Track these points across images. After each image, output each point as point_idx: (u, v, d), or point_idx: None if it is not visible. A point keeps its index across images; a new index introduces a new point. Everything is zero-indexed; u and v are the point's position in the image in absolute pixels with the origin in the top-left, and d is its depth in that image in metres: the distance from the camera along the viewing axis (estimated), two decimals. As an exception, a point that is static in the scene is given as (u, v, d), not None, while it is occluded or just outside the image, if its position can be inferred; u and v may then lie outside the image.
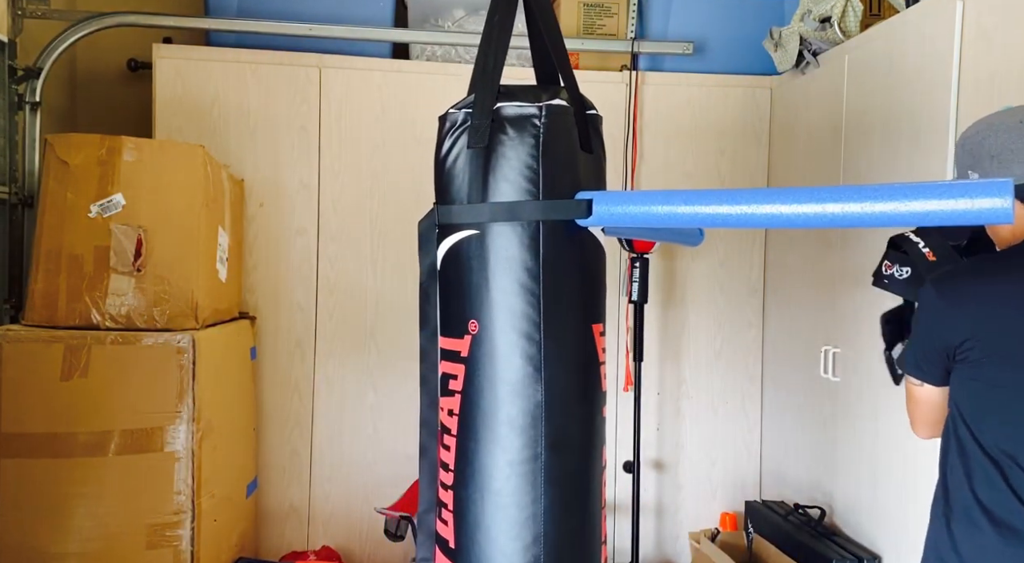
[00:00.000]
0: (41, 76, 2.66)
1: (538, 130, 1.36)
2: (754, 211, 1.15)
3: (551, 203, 1.34)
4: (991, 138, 1.41)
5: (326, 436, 2.93)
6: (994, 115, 1.46)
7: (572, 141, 1.40)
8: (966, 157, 1.45)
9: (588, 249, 1.43)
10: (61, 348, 2.11)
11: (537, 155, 1.36)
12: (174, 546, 2.16)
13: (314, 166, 2.89)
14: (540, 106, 1.37)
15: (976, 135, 1.44)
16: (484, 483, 1.37)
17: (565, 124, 1.39)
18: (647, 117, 3.04)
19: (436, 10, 3.01)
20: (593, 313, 1.44)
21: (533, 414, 1.36)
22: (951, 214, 1.05)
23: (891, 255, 1.70)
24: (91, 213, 2.18)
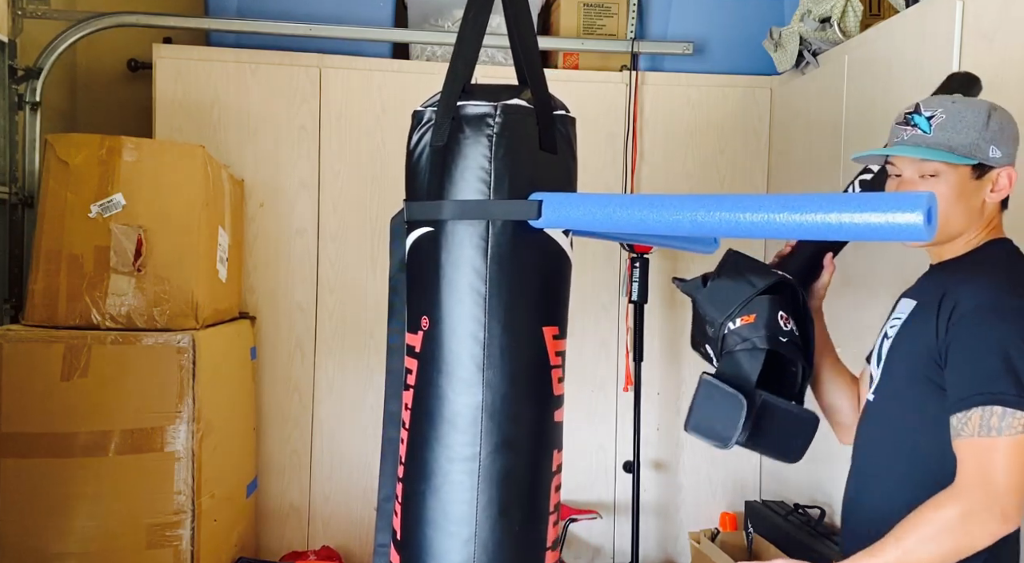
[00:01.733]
0: (41, 76, 2.66)
1: (492, 130, 1.37)
2: (683, 218, 1.19)
3: (500, 203, 1.35)
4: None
5: (326, 436, 2.93)
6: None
7: (529, 142, 1.39)
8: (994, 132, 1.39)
9: (544, 251, 1.41)
10: (61, 348, 2.11)
11: (490, 155, 1.37)
12: (174, 546, 2.17)
13: (314, 166, 2.89)
14: (495, 106, 1.38)
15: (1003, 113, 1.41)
16: (427, 479, 1.40)
17: (522, 124, 1.39)
18: (647, 117, 3.04)
19: (436, 10, 3.01)
20: (546, 316, 1.42)
21: (473, 414, 1.38)
22: (863, 228, 1.02)
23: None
24: (91, 213, 2.18)
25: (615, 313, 3.05)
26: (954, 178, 1.36)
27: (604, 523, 3.06)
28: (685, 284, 1.70)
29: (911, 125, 1.39)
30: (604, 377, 3.08)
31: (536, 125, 1.40)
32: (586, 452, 3.06)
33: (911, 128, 1.39)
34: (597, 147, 3.00)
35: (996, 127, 1.36)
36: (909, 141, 1.39)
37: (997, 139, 1.37)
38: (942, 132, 1.36)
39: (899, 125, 1.42)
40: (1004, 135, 1.38)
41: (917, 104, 1.41)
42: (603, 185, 3.01)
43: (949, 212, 1.36)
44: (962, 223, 1.39)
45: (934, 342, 1.34)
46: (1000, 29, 1.91)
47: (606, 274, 3.05)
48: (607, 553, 3.10)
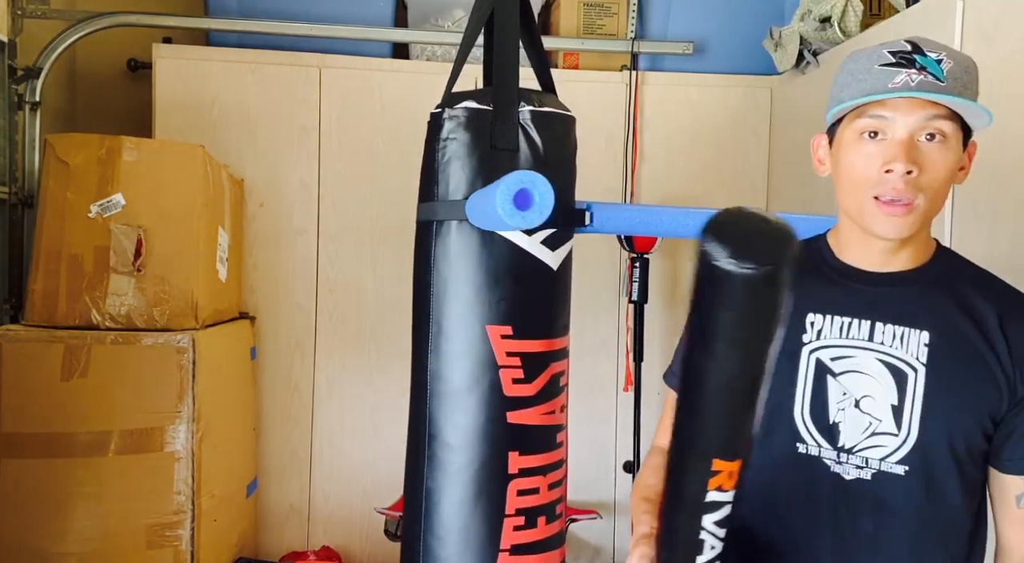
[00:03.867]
0: (41, 76, 2.66)
1: (440, 130, 1.44)
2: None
3: (438, 204, 1.44)
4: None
5: (326, 436, 2.93)
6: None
7: (477, 142, 1.42)
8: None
9: (492, 251, 1.43)
10: (61, 348, 2.11)
11: (437, 157, 1.45)
12: (174, 546, 2.16)
13: (314, 166, 2.89)
14: (441, 109, 1.45)
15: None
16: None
17: (470, 126, 1.42)
18: (647, 117, 3.04)
19: (436, 10, 3.01)
20: (492, 315, 1.43)
21: (420, 409, 1.48)
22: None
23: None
24: (91, 213, 2.18)
25: (615, 313, 3.05)
26: (956, 145, 1.08)
27: (604, 523, 3.06)
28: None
29: (917, 67, 1.05)
30: (604, 377, 3.07)
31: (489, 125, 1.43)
32: (586, 452, 3.06)
33: (918, 72, 1.05)
34: (597, 147, 3.00)
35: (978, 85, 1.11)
36: (919, 87, 1.04)
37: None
38: (955, 82, 1.05)
39: (889, 67, 1.06)
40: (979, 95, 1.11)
41: (912, 42, 1.08)
42: (603, 185, 3.00)
43: (942, 190, 1.08)
44: (940, 208, 1.11)
45: (1008, 390, 1.08)
46: (1000, 29, 1.91)
47: (606, 274, 3.05)
48: (607, 553, 3.10)
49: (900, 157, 1.04)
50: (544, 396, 1.47)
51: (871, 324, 1.12)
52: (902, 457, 1.09)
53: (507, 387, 1.44)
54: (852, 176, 1.09)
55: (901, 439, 1.09)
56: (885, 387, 1.10)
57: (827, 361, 1.13)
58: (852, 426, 1.11)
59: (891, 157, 1.05)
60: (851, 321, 1.13)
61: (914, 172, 1.04)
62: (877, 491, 1.11)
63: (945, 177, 1.07)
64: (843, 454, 1.12)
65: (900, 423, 1.09)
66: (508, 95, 1.43)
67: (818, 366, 1.13)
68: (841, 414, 1.12)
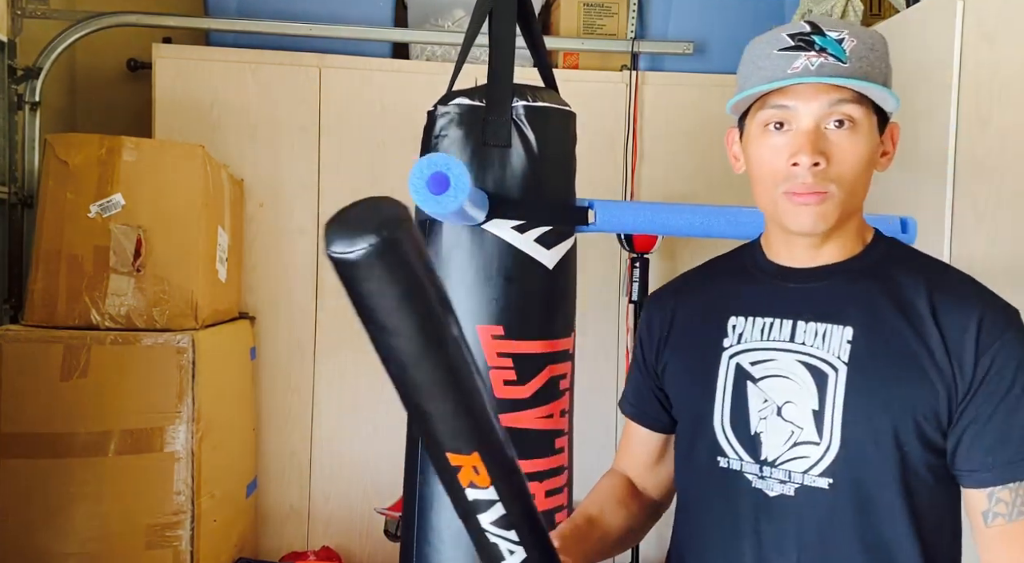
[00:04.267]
0: (41, 76, 2.66)
1: (433, 127, 1.44)
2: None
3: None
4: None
5: (326, 436, 2.93)
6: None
7: (469, 139, 1.41)
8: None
9: (483, 249, 1.41)
10: (61, 348, 2.10)
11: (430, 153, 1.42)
12: (174, 546, 2.16)
13: (314, 166, 2.89)
14: (435, 107, 1.45)
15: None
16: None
17: (463, 122, 1.42)
18: (647, 117, 3.04)
19: (436, 10, 3.01)
20: (483, 315, 1.41)
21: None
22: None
23: None
24: (91, 213, 2.18)
25: (615, 313, 3.05)
26: (869, 130, 0.99)
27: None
28: None
29: (816, 49, 0.95)
30: (604, 377, 3.07)
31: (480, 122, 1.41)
32: (586, 452, 3.05)
33: (818, 54, 0.95)
34: (597, 147, 2.99)
35: (890, 63, 1.02)
36: (819, 72, 0.95)
37: (889, 82, 1.02)
38: (859, 62, 0.96)
39: (788, 51, 0.96)
40: (891, 75, 1.03)
41: (812, 22, 0.98)
42: (603, 185, 3.00)
43: (860, 178, 0.99)
44: (862, 197, 1.02)
45: (945, 386, 0.95)
46: (1001, 29, 1.91)
47: (606, 274, 3.05)
48: (607, 553, 3.10)
49: (805, 149, 0.95)
50: (540, 399, 1.43)
51: (793, 323, 1.01)
52: (824, 468, 0.97)
53: (498, 389, 1.40)
54: (761, 171, 1.01)
55: (823, 448, 0.97)
56: (806, 391, 0.98)
57: (747, 366, 1.03)
58: (774, 436, 0.99)
59: (796, 149, 0.96)
60: (773, 322, 1.03)
61: (822, 164, 0.95)
62: (801, 509, 0.98)
63: (859, 165, 0.98)
64: (766, 468, 1.00)
65: (821, 430, 0.97)
66: (502, 91, 1.42)
67: (738, 372, 1.03)
68: (763, 423, 1.00)
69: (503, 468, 0.87)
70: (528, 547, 0.91)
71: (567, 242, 1.49)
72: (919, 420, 0.95)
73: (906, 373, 0.96)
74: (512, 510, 0.89)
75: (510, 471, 0.88)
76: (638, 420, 1.20)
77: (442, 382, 0.80)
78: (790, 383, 0.99)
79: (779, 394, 1.00)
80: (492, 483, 0.86)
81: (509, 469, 0.88)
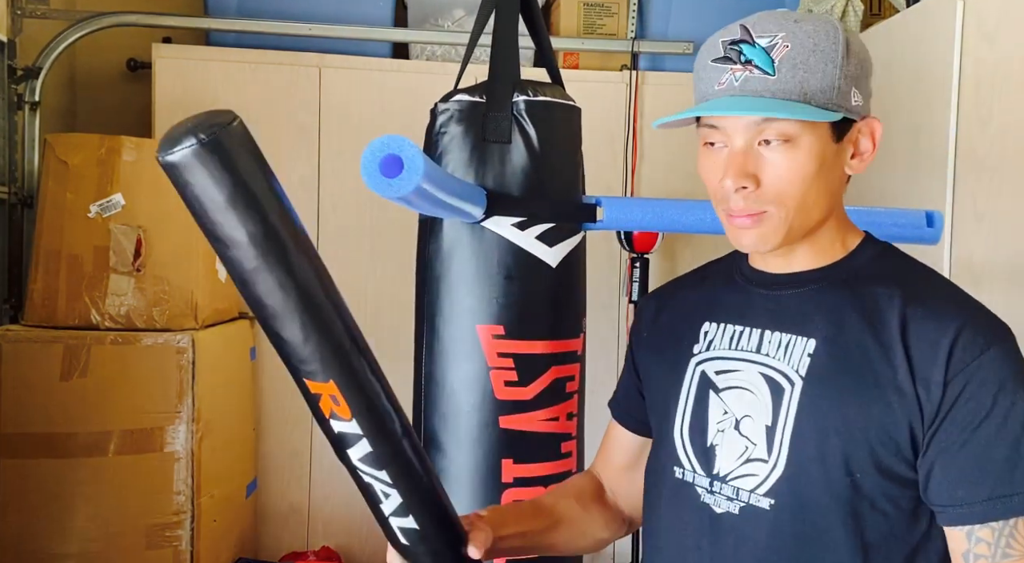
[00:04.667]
0: (40, 76, 2.66)
1: (434, 125, 1.43)
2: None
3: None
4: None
5: (326, 436, 2.92)
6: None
7: (469, 135, 1.40)
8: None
9: (483, 246, 1.40)
10: (61, 348, 2.10)
11: (431, 152, 1.42)
12: (174, 546, 2.16)
13: (314, 166, 2.89)
14: (436, 105, 1.43)
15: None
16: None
17: (463, 119, 1.40)
18: (647, 117, 3.04)
19: (436, 10, 3.00)
20: (483, 314, 1.39)
21: (418, 411, 1.43)
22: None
23: None
24: (91, 213, 2.18)
25: (615, 313, 3.05)
26: (813, 142, 0.88)
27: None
28: None
29: (743, 62, 0.89)
30: (604, 377, 3.07)
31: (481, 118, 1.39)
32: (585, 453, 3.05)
33: (743, 67, 0.89)
34: (597, 147, 2.99)
35: (855, 59, 0.90)
36: (743, 88, 0.89)
37: (857, 77, 0.90)
38: (792, 71, 0.87)
39: (718, 63, 0.92)
40: (863, 70, 0.91)
41: (743, 26, 0.91)
42: (603, 185, 3.00)
43: (810, 194, 0.90)
44: (823, 208, 0.92)
45: (907, 410, 0.85)
46: (1001, 29, 1.91)
47: (606, 274, 3.04)
48: (607, 553, 3.10)
49: (729, 172, 0.90)
50: (545, 401, 1.40)
51: (761, 333, 0.95)
52: (769, 488, 0.90)
53: (499, 390, 1.38)
54: (707, 187, 0.98)
55: (769, 466, 0.90)
56: (762, 405, 0.92)
57: (712, 375, 0.97)
58: (728, 450, 0.93)
59: (722, 173, 0.91)
60: (743, 330, 0.97)
61: (749, 187, 0.89)
62: (743, 529, 0.92)
63: (801, 182, 0.88)
64: (716, 483, 0.94)
65: (771, 447, 0.90)
66: (502, 86, 1.40)
67: (702, 380, 0.98)
68: (720, 436, 0.95)
69: (365, 401, 0.82)
70: (404, 492, 0.87)
71: (572, 240, 1.46)
72: (874, 445, 0.86)
73: (864, 392, 0.86)
74: (380, 448, 0.85)
75: (374, 405, 0.83)
76: (622, 421, 1.17)
77: (285, 300, 0.77)
78: (751, 396, 0.93)
79: (739, 407, 0.94)
80: (353, 416, 0.82)
81: (373, 403, 0.83)
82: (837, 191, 0.93)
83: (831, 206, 0.93)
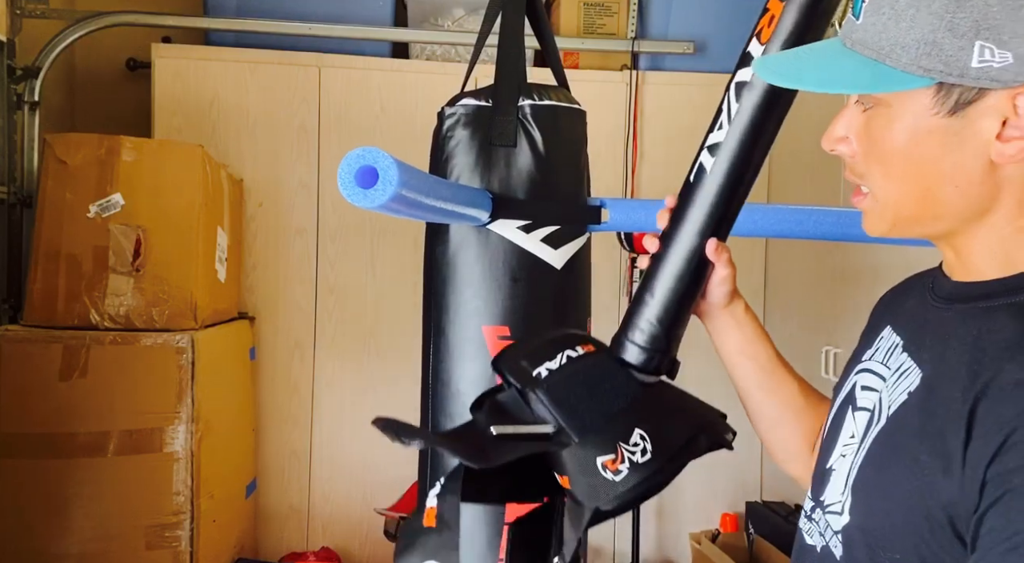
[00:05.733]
0: (40, 75, 2.66)
1: (441, 128, 1.43)
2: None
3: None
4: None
5: (326, 436, 2.92)
6: None
7: (475, 139, 1.41)
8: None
9: (488, 248, 1.41)
10: (60, 348, 2.10)
11: (438, 155, 1.43)
12: (173, 547, 2.16)
13: (313, 166, 2.88)
14: (443, 109, 1.44)
15: None
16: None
17: (469, 123, 1.42)
18: (647, 116, 3.04)
19: (436, 10, 3.00)
20: (489, 315, 1.41)
21: (425, 410, 1.45)
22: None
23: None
24: (90, 213, 2.17)
25: (615, 313, 3.04)
26: (900, 112, 0.70)
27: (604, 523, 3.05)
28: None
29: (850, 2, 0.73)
30: (604, 377, 3.07)
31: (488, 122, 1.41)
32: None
33: (848, 5, 0.73)
34: (597, 147, 2.98)
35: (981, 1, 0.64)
36: (841, 32, 0.74)
37: (988, 26, 0.64)
38: (874, 15, 0.69)
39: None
40: (1017, 9, 0.63)
41: None
42: (603, 185, 2.98)
43: (906, 176, 0.72)
44: (944, 199, 0.71)
45: (957, 489, 0.65)
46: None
47: (606, 274, 3.04)
48: (607, 553, 3.10)
49: (829, 130, 0.78)
50: None
51: (904, 347, 0.77)
52: (841, 532, 0.76)
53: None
54: None
55: (842, 509, 0.77)
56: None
57: (858, 389, 0.81)
58: (840, 478, 0.78)
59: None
60: (900, 343, 0.78)
61: (841, 151, 0.77)
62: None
63: (883, 156, 0.72)
64: (818, 511, 0.81)
65: (844, 490, 0.77)
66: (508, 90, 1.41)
67: (850, 392, 0.82)
68: (840, 461, 0.79)
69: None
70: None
71: (576, 242, 1.47)
72: (922, 522, 0.68)
73: (929, 453, 0.68)
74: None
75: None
76: None
77: None
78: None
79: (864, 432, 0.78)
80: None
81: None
82: (979, 174, 0.68)
83: (966, 195, 0.69)
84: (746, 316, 1.03)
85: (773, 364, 1.03)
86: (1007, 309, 0.68)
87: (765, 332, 1.05)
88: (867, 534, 0.73)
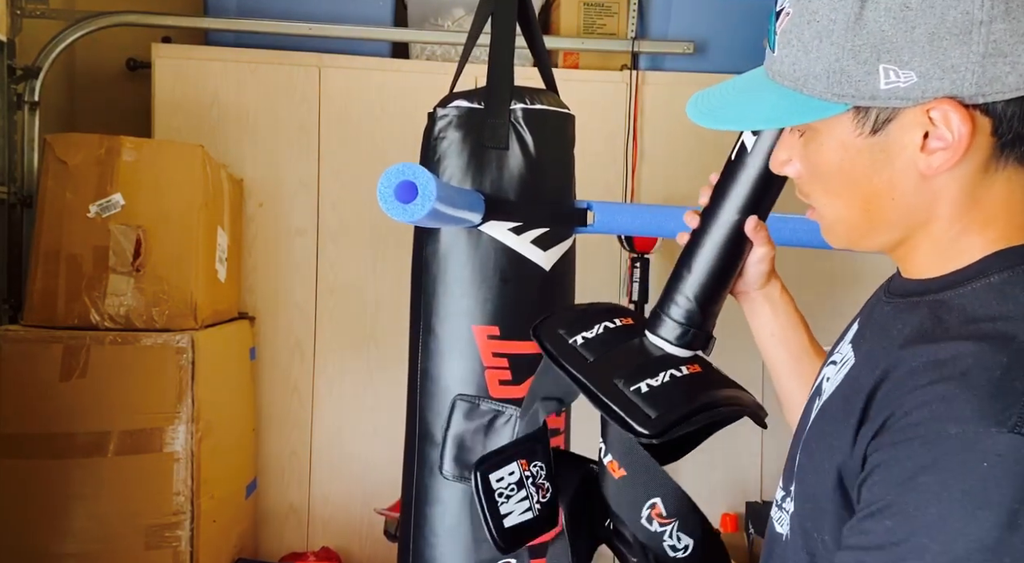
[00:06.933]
0: (40, 75, 2.66)
1: (433, 129, 1.45)
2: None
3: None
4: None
5: (326, 436, 2.92)
6: None
7: (467, 141, 1.42)
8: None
9: (479, 250, 1.43)
10: (60, 348, 2.10)
11: (429, 156, 1.45)
12: (173, 547, 2.16)
13: (314, 166, 2.89)
14: (435, 110, 1.46)
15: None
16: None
17: (461, 125, 1.43)
18: (647, 117, 3.03)
19: (436, 10, 3.00)
20: (479, 315, 1.43)
21: (413, 407, 1.47)
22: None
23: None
24: (90, 213, 2.17)
25: (615, 313, 3.04)
26: (834, 134, 0.72)
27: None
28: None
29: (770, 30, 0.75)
30: (604, 377, 3.07)
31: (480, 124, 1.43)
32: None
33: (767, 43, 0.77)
34: (597, 147, 2.99)
35: (885, 22, 0.64)
36: (766, 65, 0.78)
37: (890, 47, 0.65)
38: (786, 48, 0.71)
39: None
40: (909, 31, 0.64)
41: None
42: (603, 185, 3.00)
43: (841, 193, 0.75)
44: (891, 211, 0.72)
45: (852, 468, 0.69)
46: (1002, 28, 1.91)
47: (606, 274, 3.04)
48: (607, 553, 3.10)
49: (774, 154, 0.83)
50: None
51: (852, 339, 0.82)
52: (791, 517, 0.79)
53: (493, 389, 1.43)
54: None
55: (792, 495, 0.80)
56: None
57: (824, 380, 0.82)
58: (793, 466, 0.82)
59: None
60: (852, 334, 0.82)
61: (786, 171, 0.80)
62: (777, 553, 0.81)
63: (820, 177, 0.75)
64: (787, 499, 0.81)
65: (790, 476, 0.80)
66: (500, 93, 1.43)
67: (819, 384, 0.84)
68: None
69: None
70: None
71: (564, 244, 1.50)
72: (830, 505, 0.72)
73: (842, 437, 0.71)
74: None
75: None
76: None
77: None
78: None
79: None
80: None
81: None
82: (909, 192, 0.70)
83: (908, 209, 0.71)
84: (782, 298, 1.06)
85: (804, 351, 1.04)
86: (928, 304, 0.73)
87: (802, 318, 1.06)
88: (802, 518, 0.76)
